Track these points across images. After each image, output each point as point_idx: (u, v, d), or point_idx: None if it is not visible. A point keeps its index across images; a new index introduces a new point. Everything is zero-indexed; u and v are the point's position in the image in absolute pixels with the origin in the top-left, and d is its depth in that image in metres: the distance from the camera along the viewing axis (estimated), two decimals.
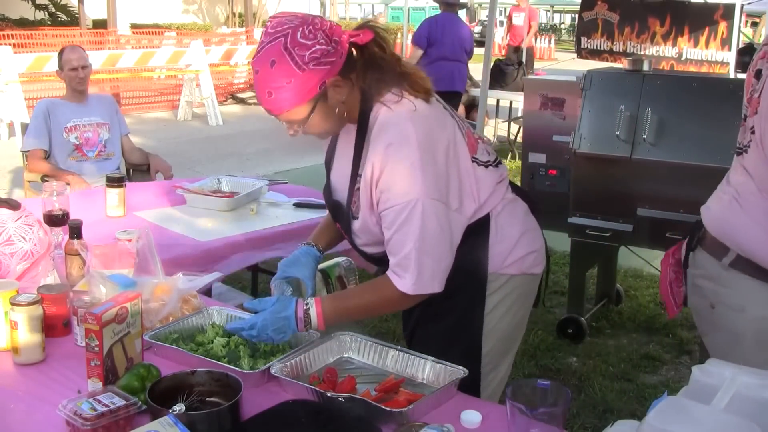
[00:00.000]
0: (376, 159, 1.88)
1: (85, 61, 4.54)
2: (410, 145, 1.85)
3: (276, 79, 1.79)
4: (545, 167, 4.07)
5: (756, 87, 1.89)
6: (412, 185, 1.85)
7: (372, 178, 1.90)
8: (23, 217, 2.55)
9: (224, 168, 7.77)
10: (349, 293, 2.08)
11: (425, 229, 1.86)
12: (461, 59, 8.00)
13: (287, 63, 1.77)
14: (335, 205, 2.15)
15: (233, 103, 13.43)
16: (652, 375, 3.83)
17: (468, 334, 2.12)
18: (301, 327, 1.93)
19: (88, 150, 4.50)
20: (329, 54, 1.81)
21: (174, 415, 1.55)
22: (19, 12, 20.28)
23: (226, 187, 3.79)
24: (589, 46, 4.83)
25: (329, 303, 1.98)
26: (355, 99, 1.92)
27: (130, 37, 14.54)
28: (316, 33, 1.80)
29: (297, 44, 1.78)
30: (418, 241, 1.86)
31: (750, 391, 1.47)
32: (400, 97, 1.91)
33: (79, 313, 2.02)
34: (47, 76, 9.40)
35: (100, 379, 1.78)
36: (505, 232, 2.09)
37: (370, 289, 2.03)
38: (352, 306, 2.02)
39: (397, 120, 1.88)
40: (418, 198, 1.85)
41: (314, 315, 1.94)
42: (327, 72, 1.81)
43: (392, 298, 1.95)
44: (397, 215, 1.87)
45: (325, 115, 1.89)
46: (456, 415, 1.70)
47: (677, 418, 1.35)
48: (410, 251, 1.87)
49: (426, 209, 1.86)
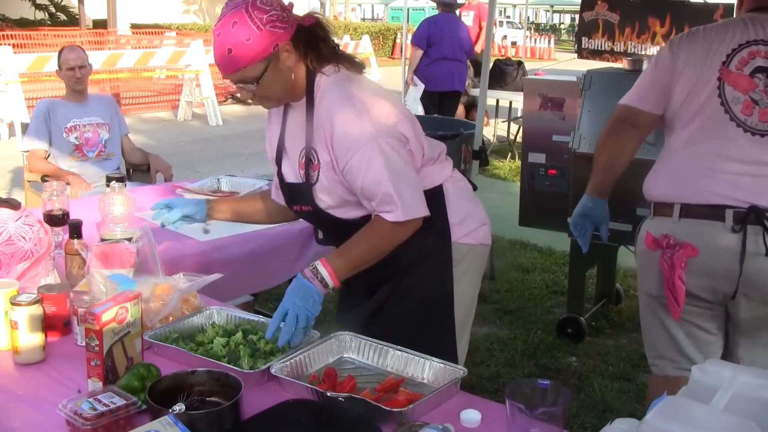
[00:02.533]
0: (325, 118, 2.08)
1: (83, 61, 4.54)
2: (352, 98, 2.08)
3: (236, 37, 2.00)
4: (545, 167, 4.08)
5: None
6: (363, 130, 2.04)
7: (326, 138, 2.08)
8: (23, 216, 2.55)
9: (224, 168, 7.77)
10: (349, 244, 2.13)
11: (390, 162, 2.04)
12: (460, 59, 8.01)
13: (247, 23, 1.99)
14: (290, 188, 2.27)
15: (233, 103, 13.42)
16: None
17: (440, 304, 2.29)
18: (318, 285, 2.03)
19: (88, 150, 4.50)
20: (283, 20, 2.03)
21: (174, 414, 1.55)
22: (19, 12, 20.28)
23: (226, 186, 3.79)
24: (589, 46, 4.83)
25: (335, 258, 2.09)
26: (300, 71, 2.12)
27: (130, 37, 14.54)
28: (272, 2, 2.03)
29: (256, 8, 2.00)
30: (389, 173, 2.03)
31: (749, 390, 1.48)
32: (337, 68, 2.15)
33: (79, 313, 2.02)
34: (47, 76, 9.39)
35: (100, 378, 1.78)
36: (459, 204, 2.31)
37: (366, 234, 2.13)
38: (356, 254, 2.11)
39: (337, 82, 2.12)
40: (372, 138, 2.03)
41: (324, 272, 2.04)
42: (280, 35, 2.03)
43: (389, 232, 2.09)
44: (361, 160, 2.04)
45: (275, 77, 2.07)
46: (456, 414, 1.70)
47: (677, 417, 1.35)
48: (387, 185, 2.03)
49: (383, 146, 2.04)
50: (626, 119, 2.62)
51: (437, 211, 2.23)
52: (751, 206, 2.32)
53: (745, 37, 2.42)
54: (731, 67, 2.40)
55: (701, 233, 2.37)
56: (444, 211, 2.27)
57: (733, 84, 2.39)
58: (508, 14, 41.55)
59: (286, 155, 2.28)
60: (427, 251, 2.25)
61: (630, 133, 2.63)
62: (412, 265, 2.24)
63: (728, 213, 2.34)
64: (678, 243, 2.38)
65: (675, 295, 2.40)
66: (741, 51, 2.41)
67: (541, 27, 44.57)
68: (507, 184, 7.86)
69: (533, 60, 23.65)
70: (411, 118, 2.22)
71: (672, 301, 2.41)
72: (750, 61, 2.39)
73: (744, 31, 2.43)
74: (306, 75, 2.13)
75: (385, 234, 2.09)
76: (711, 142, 2.40)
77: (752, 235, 2.32)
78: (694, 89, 2.44)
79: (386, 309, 2.28)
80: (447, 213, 2.27)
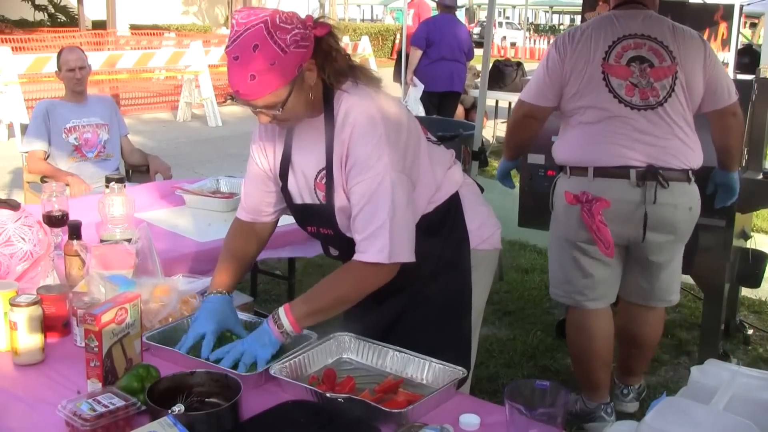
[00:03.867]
0: (345, 139, 1.97)
1: (83, 62, 4.54)
2: (375, 123, 1.95)
3: (260, 61, 1.84)
4: (544, 168, 4.06)
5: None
6: (379, 160, 1.94)
7: (342, 156, 1.98)
8: (23, 217, 2.55)
9: (223, 169, 7.76)
10: (317, 289, 2.04)
11: (395, 201, 1.94)
12: (460, 60, 8.01)
13: (270, 46, 1.84)
14: (304, 209, 2.15)
15: (232, 104, 13.36)
16: (650, 375, 3.82)
17: (459, 313, 2.24)
18: (278, 335, 1.94)
19: (87, 151, 4.50)
20: (306, 38, 1.89)
21: (173, 415, 1.55)
22: (18, 13, 20.28)
23: (225, 187, 3.79)
24: None
25: (300, 307, 1.98)
26: (319, 87, 2.00)
27: (130, 38, 14.55)
28: (291, 19, 1.89)
29: (278, 28, 1.85)
30: (391, 211, 1.93)
31: (748, 391, 1.48)
32: (357, 85, 2.02)
33: (78, 314, 2.02)
34: (46, 77, 9.40)
35: (99, 379, 1.78)
36: (475, 210, 2.26)
37: (337, 281, 2.03)
38: (322, 303, 2.01)
39: (360, 102, 1.99)
40: (386, 171, 1.94)
41: (286, 321, 1.95)
42: (304, 54, 1.90)
43: (363, 277, 1.99)
44: (367, 188, 1.94)
45: (299, 99, 1.94)
46: (455, 415, 1.70)
47: (676, 418, 1.35)
48: (384, 221, 1.93)
49: (394, 181, 1.94)
50: (529, 115, 3.22)
51: (456, 219, 2.20)
52: (648, 165, 2.94)
53: (616, 34, 3.02)
54: (610, 60, 3.00)
55: (611, 189, 2.97)
56: (462, 218, 2.22)
57: (615, 74, 2.99)
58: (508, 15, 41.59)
59: (293, 172, 2.15)
60: (447, 260, 2.19)
61: (533, 125, 3.26)
62: (432, 274, 2.17)
63: (632, 172, 2.95)
64: (594, 197, 2.95)
65: (602, 237, 2.95)
66: (615, 47, 3.01)
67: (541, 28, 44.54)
68: None
69: (533, 61, 23.64)
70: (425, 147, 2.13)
71: (601, 244, 2.96)
72: (624, 53, 3.00)
73: (614, 30, 3.03)
74: (323, 90, 2.01)
75: (360, 279, 1.99)
76: (609, 120, 2.98)
77: (650, 189, 2.95)
78: (585, 82, 3.02)
79: (403, 319, 2.21)
80: (465, 220, 2.22)
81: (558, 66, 3.06)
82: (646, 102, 2.97)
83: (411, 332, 2.16)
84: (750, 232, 4.09)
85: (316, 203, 2.10)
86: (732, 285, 4.08)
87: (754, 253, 3.93)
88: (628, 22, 3.04)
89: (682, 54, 3.01)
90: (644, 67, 2.99)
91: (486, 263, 2.32)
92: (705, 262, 3.62)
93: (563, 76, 3.06)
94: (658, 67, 2.99)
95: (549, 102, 3.13)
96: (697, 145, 3.06)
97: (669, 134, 2.98)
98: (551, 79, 3.09)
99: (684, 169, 3.00)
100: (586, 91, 3.02)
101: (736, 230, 3.71)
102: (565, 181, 3.12)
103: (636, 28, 3.03)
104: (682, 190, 3.01)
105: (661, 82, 2.98)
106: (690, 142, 3.03)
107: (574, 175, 3.08)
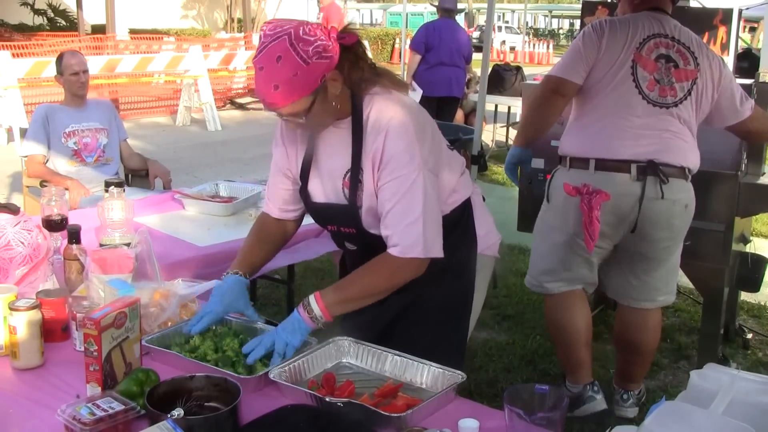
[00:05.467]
0: (378, 141, 2.03)
1: (85, 66, 4.56)
2: (406, 124, 2.04)
3: (283, 72, 1.90)
4: (543, 172, 4.06)
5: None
6: (412, 159, 2.02)
7: (374, 158, 2.05)
8: (22, 221, 2.55)
9: (223, 173, 7.77)
10: (349, 279, 2.11)
11: (427, 198, 2.03)
12: (459, 65, 8.01)
13: (293, 57, 1.90)
14: (326, 209, 2.21)
15: (232, 108, 13.44)
16: (650, 380, 3.82)
17: (458, 315, 2.30)
18: (308, 321, 2.00)
19: (86, 155, 4.50)
20: (328, 49, 1.94)
21: (173, 419, 1.55)
22: (17, 17, 20.29)
23: (224, 192, 3.79)
24: None
25: (330, 294, 2.04)
26: (345, 94, 2.06)
27: (129, 42, 14.53)
28: (315, 30, 1.94)
29: (301, 40, 1.91)
30: (423, 207, 2.01)
31: (748, 395, 1.48)
32: (387, 90, 2.10)
33: (77, 318, 2.02)
34: (46, 81, 9.40)
35: (98, 383, 1.78)
36: (483, 217, 2.36)
37: (368, 272, 2.10)
38: (352, 292, 2.08)
39: (392, 105, 2.07)
40: (418, 169, 2.02)
41: (316, 308, 2.01)
42: (327, 65, 1.95)
43: (399, 269, 2.06)
44: (400, 186, 2.02)
45: (323, 107, 2.00)
46: (454, 419, 1.69)
47: (675, 422, 1.35)
48: (417, 218, 2.01)
49: (426, 180, 2.03)
50: (557, 90, 3.18)
51: (468, 224, 2.28)
52: (649, 161, 3.02)
53: (651, 30, 3.11)
54: (642, 53, 3.08)
55: (612, 182, 3.04)
56: (473, 223, 2.31)
57: (643, 66, 3.07)
58: (507, 19, 41.59)
59: (318, 173, 2.20)
60: (455, 263, 2.23)
61: (558, 102, 3.21)
62: (438, 276, 2.18)
63: (633, 166, 3.03)
64: (595, 190, 3.04)
65: (591, 232, 3.05)
66: (649, 41, 3.10)
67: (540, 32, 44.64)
68: (505, 189, 7.85)
69: (532, 65, 23.73)
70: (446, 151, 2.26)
71: (588, 237, 3.06)
72: (655, 49, 3.09)
73: (650, 26, 3.12)
74: (351, 96, 2.08)
75: (390, 272, 2.07)
76: (619, 110, 3.07)
77: (650, 184, 3.02)
78: (614, 66, 3.08)
79: (404, 318, 2.24)
80: (475, 225, 2.32)
81: (595, 43, 3.11)
82: (664, 100, 3.06)
83: (411, 331, 2.22)
84: (749, 236, 4.09)
85: (342, 203, 2.15)
86: (731, 289, 4.08)
87: (753, 257, 3.93)
88: (662, 23, 3.14)
89: (704, 65, 3.12)
90: (669, 66, 3.08)
91: (486, 269, 2.41)
92: (704, 267, 3.63)
93: (597, 52, 3.10)
94: (682, 69, 3.09)
95: (578, 78, 3.14)
96: (697, 150, 3.14)
97: (674, 134, 3.07)
98: (585, 52, 3.12)
99: (682, 167, 3.08)
100: (611, 75, 3.08)
101: (736, 234, 3.71)
102: (564, 173, 3.20)
103: (669, 30, 3.14)
104: (680, 187, 3.08)
105: (681, 84, 3.08)
106: (691, 145, 3.12)
107: (574, 168, 3.16)
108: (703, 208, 3.16)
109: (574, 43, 3.24)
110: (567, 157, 3.20)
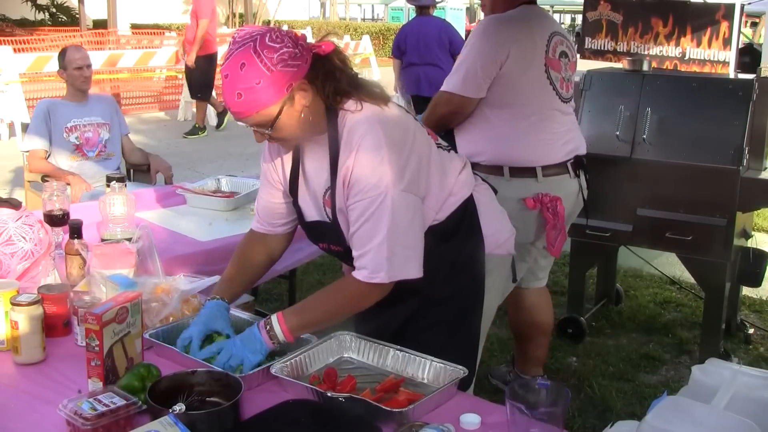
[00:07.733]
0: (349, 160, 1.93)
1: (89, 60, 4.56)
2: (378, 143, 1.91)
3: (246, 80, 1.83)
4: None
5: None
6: (381, 179, 1.90)
7: (344, 179, 1.95)
8: (24, 217, 2.55)
9: (224, 168, 7.76)
10: (311, 301, 2.06)
11: (395, 220, 1.91)
12: (433, 62, 7.57)
13: (256, 65, 1.82)
14: (315, 226, 2.15)
15: None
16: (651, 375, 3.83)
17: (469, 317, 2.22)
18: (268, 341, 1.93)
19: (88, 150, 4.50)
20: (296, 57, 1.86)
21: (174, 414, 1.55)
22: (19, 12, 20.29)
23: (226, 187, 3.79)
24: (593, 46, 4.81)
25: (292, 316, 1.98)
26: (318, 107, 1.96)
27: (131, 37, 14.54)
28: (283, 38, 1.86)
29: (266, 47, 1.83)
30: (389, 231, 1.90)
31: (749, 390, 1.48)
32: (359, 104, 1.97)
33: (79, 313, 2.02)
34: (47, 76, 9.40)
35: (100, 378, 1.78)
36: (490, 214, 2.24)
37: (332, 294, 2.04)
38: (315, 315, 2.02)
39: (363, 120, 1.94)
40: (386, 191, 1.90)
41: (278, 329, 1.94)
42: (293, 74, 1.86)
43: (359, 294, 1.98)
44: (366, 208, 1.92)
45: (291, 119, 1.91)
46: (456, 414, 1.70)
47: (677, 417, 1.35)
48: (381, 241, 1.90)
49: (395, 201, 1.91)
50: (457, 110, 3.07)
51: (472, 223, 2.19)
52: (575, 157, 3.12)
53: (549, 28, 3.10)
54: (549, 54, 3.06)
55: (558, 185, 3.07)
56: (477, 222, 2.20)
57: (553, 67, 3.06)
58: None
59: (306, 188, 2.13)
60: (462, 264, 2.18)
61: (458, 120, 3.10)
62: (446, 278, 2.14)
63: (569, 165, 3.10)
64: (552, 197, 3.03)
65: (562, 237, 3.08)
66: (551, 40, 3.07)
67: None
68: None
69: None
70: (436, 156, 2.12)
71: (559, 243, 3.08)
72: (557, 48, 3.09)
73: (544, 24, 3.10)
74: (326, 110, 1.97)
75: (354, 296, 1.99)
76: (545, 113, 3.05)
77: (581, 177, 3.15)
78: (528, 74, 3.00)
79: (414, 320, 2.19)
80: (480, 224, 2.20)
81: (494, 55, 2.96)
82: (568, 95, 3.15)
83: (421, 334, 2.15)
84: (751, 231, 4.09)
85: (325, 220, 2.10)
86: (733, 284, 4.08)
87: (755, 252, 3.93)
88: (548, 20, 3.20)
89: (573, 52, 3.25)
90: (566, 62, 3.15)
91: (500, 269, 2.31)
92: (706, 261, 3.62)
93: (497, 65, 2.96)
94: (572, 62, 3.19)
95: (479, 93, 3.00)
96: None
97: (575, 125, 3.24)
98: (486, 68, 2.97)
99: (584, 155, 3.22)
100: (527, 83, 3.01)
101: (737, 229, 3.71)
102: (505, 185, 2.92)
103: (555, 25, 3.19)
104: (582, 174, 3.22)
105: (573, 76, 3.21)
106: None
107: (517, 177, 3.04)
108: (705, 202, 3.15)
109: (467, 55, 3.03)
110: (504, 167, 3.04)
